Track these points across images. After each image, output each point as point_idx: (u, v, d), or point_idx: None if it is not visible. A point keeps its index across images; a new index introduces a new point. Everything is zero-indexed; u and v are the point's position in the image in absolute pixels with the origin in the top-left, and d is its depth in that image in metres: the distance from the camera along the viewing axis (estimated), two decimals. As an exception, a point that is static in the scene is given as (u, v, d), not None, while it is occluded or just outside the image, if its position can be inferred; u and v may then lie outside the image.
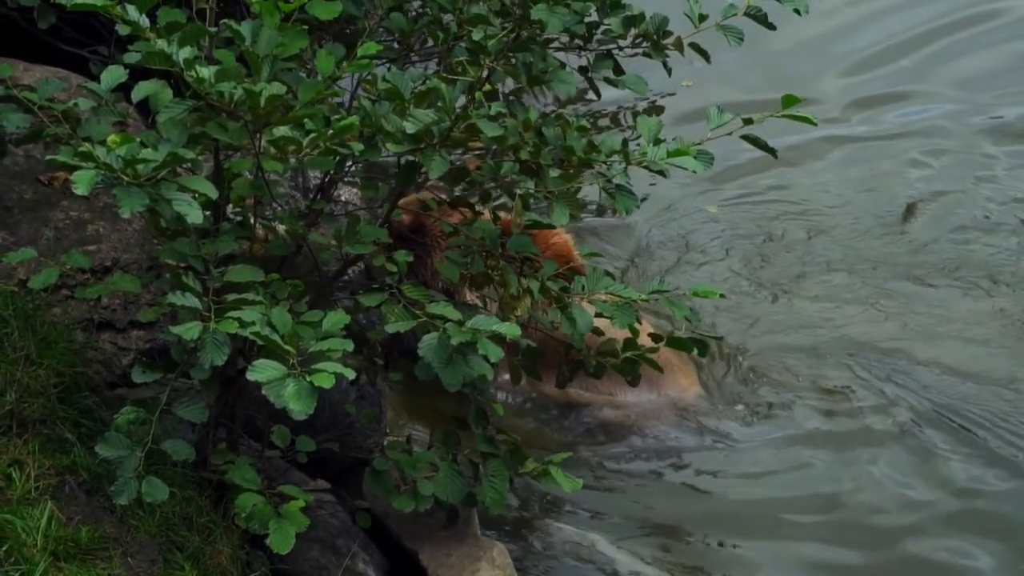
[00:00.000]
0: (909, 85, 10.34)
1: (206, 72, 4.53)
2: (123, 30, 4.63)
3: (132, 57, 4.69)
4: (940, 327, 7.97)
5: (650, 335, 5.82)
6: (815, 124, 5.30)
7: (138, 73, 4.85)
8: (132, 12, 4.56)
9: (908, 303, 8.18)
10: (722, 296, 5.45)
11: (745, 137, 5.30)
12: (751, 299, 8.15)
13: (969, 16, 10.90)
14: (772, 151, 5.41)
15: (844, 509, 6.74)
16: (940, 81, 10.37)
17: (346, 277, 5.73)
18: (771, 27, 5.60)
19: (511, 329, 4.73)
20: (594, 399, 7.26)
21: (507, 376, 6.20)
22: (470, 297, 6.52)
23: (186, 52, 4.54)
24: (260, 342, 4.48)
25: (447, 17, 5.60)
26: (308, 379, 4.30)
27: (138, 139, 4.58)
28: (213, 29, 4.84)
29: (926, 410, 7.29)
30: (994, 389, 7.46)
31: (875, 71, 10.45)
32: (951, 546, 6.54)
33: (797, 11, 5.52)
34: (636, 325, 5.44)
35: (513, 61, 5.19)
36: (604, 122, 9.61)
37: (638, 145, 5.12)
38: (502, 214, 5.83)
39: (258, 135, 4.76)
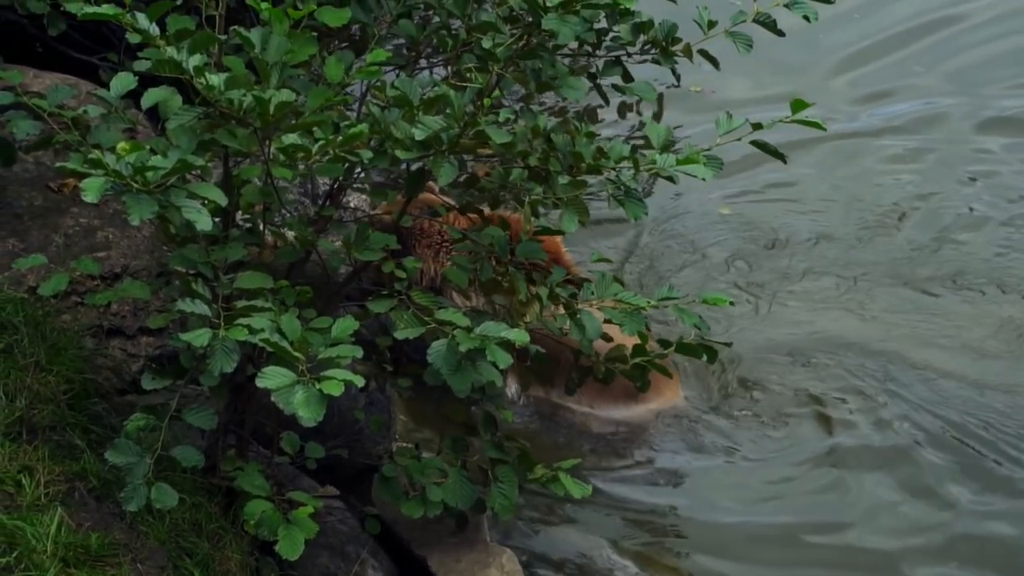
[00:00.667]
0: (906, 79, 10.28)
1: (216, 79, 4.54)
2: (133, 39, 4.65)
3: (142, 65, 4.70)
4: (940, 333, 7.90)
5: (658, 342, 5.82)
6: (824, 129, 5.30)
7: (147, 80, 4.86)
8: (142, 20, 4.57)
9: (909, 308, 8.11)
10: (731, 304, 5.44)
11: (755, 143, 5.30)
12: (745, 304, 8.07)
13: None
14: (781, 156, 5.40)
15: (846, 531, 6.68)
16: (937, 75, 10.31)
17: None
18: (780, 34, 5.59)
19: (520, 335, 4.74)
20: (576, 412, 7.23)
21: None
22: (459, 299, 6.53)
23: (196, 59, 4.55)
24: (269, 349, 4.48)
25: (456, 23, 5.61)
26: (317, 386, 4.30)
27: (148, 146, 4.58)
28: (223, 37, 4.84)
29: (927, 425, 7.21)
30: (996, 400, 7.38)
31: (872, 64, 10.41)
32: (951, 573, 6.49)
33: (807, 18, 5.51)
34: (645, 331, 5.45)
35: (522, 67, 5.19)
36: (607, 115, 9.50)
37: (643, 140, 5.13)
38: (509, 214, 5.83)
39: (267, 142, 4.76)
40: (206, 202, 4.57)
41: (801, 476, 6.97)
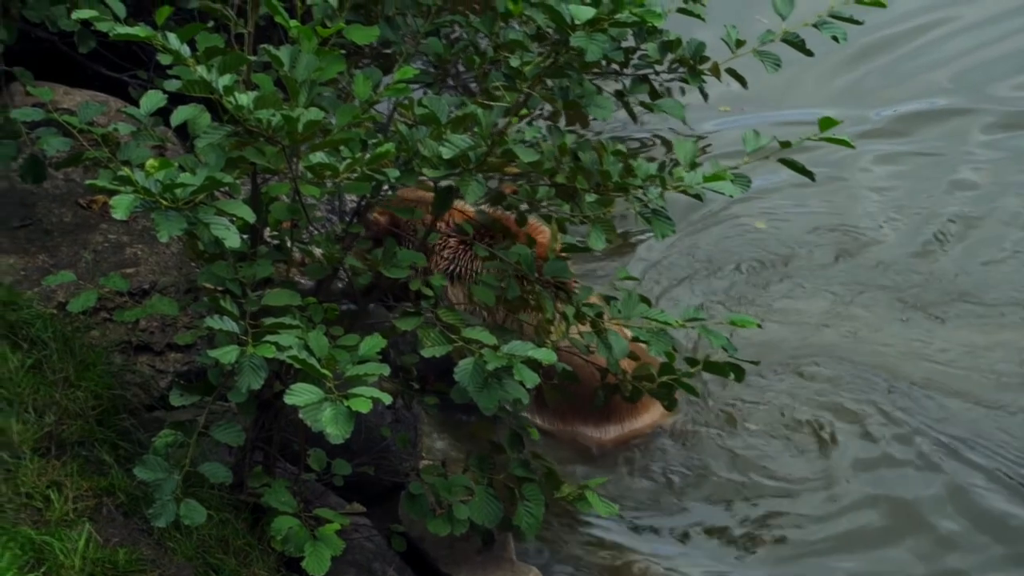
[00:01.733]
0: (912, 78, 10.13)
1: (245, 99, 4.56)
2: (164, 60, 4.67)
3: (172, 85, 4.73)
4: (954, 355, 7.69)
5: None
6: (853, 147, 5.30)
7: (177, 97, 4.89)
8: (173, 41, 4.60)
9: (922, 326, 7.92)
10: (759, 326, 5.40)
11: (783, 161, 5.30)
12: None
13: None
14: (809, 174, 5.40)
15: None
16: (942, 74, 10.15)
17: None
18: (809, 53, 5.60)
19: (547, 355, 4.74)
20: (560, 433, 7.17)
21: None
22: (451, 292, 6.53)
23: (226, 79, 4.57)
24: (297, 366, 4.50)
25: (483, 41, 5.63)
26: (345, 403, 4.32)
27: (176, 163, 4.61)
28: (253, 58, 4.86)
29: (948, 467, 7.00)
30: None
31: (876, 61, 10.25)
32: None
33: (835, 38, 5.52)
34: (672, 351, 5.44)
35: (550, 86, 5.20)
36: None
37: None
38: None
39: (295, 159, 4.78)
40: (234, 219, 4.60)
41: (814, 524, 6.76)
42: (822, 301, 8.12)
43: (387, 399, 4.40)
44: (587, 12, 4.86)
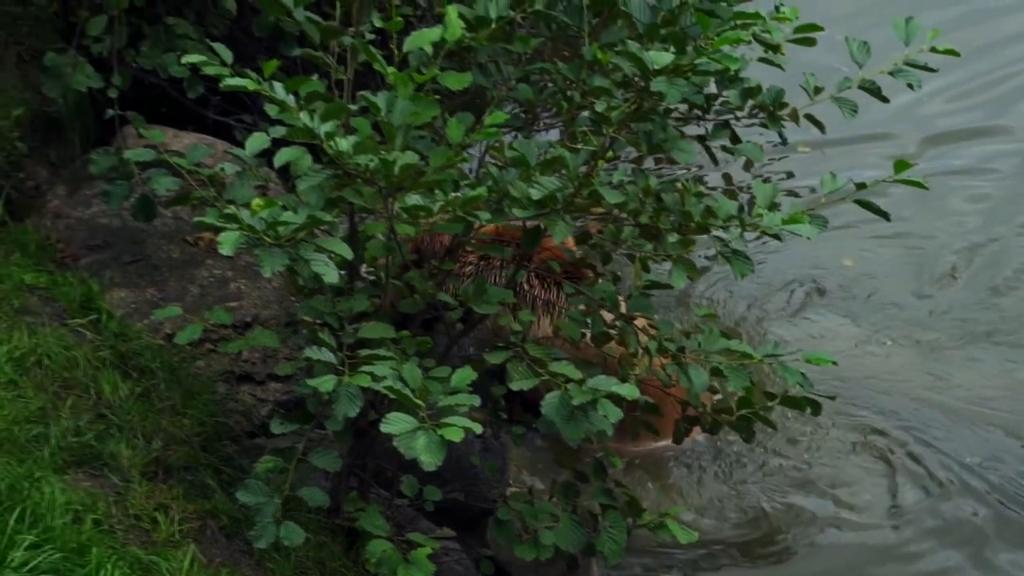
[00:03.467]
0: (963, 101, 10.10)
1: (345, 144, 4.74)
2: (271, 111, 4.87)
3: (278, 131, 4.89)
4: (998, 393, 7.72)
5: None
6: (926, 188, 5.40)
7: (279, 138, 5.05)
8: (279, 90, 4.82)
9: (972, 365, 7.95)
10: (834, 364, 5.48)
11: (859, 202, 5.42)
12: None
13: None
14: (885, 215, 5.51)
15: None
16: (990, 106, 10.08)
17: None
18: (884, 100, 5.70)
19: (630, 390, 4.88)
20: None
21: None
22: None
23: (327, 126, 4.77)
24: (392, 396, 4.67)
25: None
26: (438, 432, 4.47)
27: (279, 203, 4.80)
28: (353, 107, 5.05)
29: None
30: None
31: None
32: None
33: (910, 85, 5.62)
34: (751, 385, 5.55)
35: (634, 130, 5.35)
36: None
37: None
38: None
39: (391, 199, 4.94)
40: (333, 256, 4.77)
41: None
42: (849, 331, 8.18)
43: (478, 429, 4.54)
44: (665, 58, 5.00)
